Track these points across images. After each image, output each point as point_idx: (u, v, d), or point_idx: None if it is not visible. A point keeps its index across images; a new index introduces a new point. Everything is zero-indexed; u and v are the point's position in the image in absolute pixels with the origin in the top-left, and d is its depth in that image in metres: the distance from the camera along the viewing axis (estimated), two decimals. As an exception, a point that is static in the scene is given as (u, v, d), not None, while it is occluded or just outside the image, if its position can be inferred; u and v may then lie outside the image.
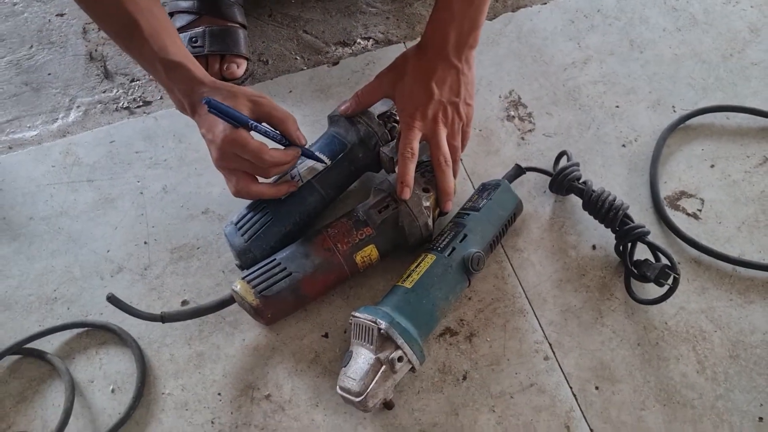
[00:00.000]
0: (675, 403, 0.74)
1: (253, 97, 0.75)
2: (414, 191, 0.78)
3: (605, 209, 0.80)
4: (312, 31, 1.11)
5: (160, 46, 0.73)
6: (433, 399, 0.75)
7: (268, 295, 0.74)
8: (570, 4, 1.11)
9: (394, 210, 0.78)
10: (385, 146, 0.84)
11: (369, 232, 0.78)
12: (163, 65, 0.74)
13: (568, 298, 0.81)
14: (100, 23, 0.78)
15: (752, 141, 0.94)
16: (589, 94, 1.00)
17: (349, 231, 0.78)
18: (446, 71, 0.80)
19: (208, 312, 0.77)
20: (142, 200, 0.92)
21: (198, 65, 0.76)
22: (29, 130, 1.01)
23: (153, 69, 0.76)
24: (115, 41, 0.78)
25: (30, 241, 0.89)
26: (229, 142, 0.72)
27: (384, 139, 0.85)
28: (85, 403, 0.76)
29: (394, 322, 0.69)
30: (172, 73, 0.74)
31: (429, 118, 0.79)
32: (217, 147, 0.73)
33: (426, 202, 0.79)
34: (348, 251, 0.77)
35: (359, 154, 0.84)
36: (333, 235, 0.77)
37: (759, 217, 0.87)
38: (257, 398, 0.76)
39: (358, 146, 0.84)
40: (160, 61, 0.73)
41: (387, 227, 0.78)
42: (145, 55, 0.74)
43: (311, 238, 0.78)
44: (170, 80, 0.75)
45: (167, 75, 0.74)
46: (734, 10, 1.08)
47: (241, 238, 0.79)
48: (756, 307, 0.80)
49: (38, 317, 0.82)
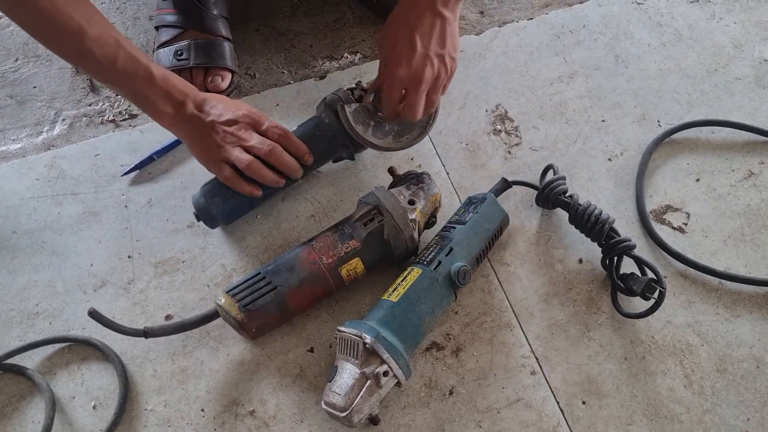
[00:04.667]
0: (662, 417, 0.74)
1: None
2: (399, 204, 0.78)
3: (591, 223, 0.80)
4: (299, 45, 1.11)
5: (140, 58, 0.76)
6: (419, 414, 0.74)
7: (252, 309, 0.73)
8: (556, 20, 1.12)
9: (380, 223, 0.78)
10: (347, 105, 0.85)
11: (354, 246, 0.77)
12: (151, 74, 0.77)
13: (555, 312, 0.81)
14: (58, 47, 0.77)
15: (737, 155, 0.94)
16: (575, 109, 1.00)
17: (334, 244, 0.77)
18: (434, 21, 0.79)
19: (192, 327, 0.76)
20: (126, 214, 0.91)
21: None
22: (13, 143, 1.00)
23: (132, 80, 0.76)
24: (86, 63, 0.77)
25: (12, 255, 0.87)
26: (257, 113, 0.83)
27: (347, 100, 0.86)
28: (66, 419, 0.75)
29: (379, 336, 0.68)
30: (164, 80, 0.78)
31: (411, 72, 0.79)
32: (243, 115, 0.81)
33: (412, 215, 0.78)
34: (333, 264, 0.77)
35: (326, 120, 0.86)
36: (318, 248, 0.77)
37: (744, 230, 0.87)
38: (241, 414, 0.75)
39: (324, 113, 0.86)
40: (145, 70, 0.76)
41: (372, 240, 0.78)
42: (122, 66, 0.75)
43: (296, 251, 0.78)
44: (165, 86, 0.78)
45: (157, 83, 0.77)
46: (718, 26, 1.10)
47: (201, 190, 0.85)
48: (743, 321, 0.80)
49: (19, 332, 0.81)
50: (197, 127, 0.81)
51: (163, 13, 1.04)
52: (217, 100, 0.82)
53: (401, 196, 0.80)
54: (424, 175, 0.83)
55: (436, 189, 0.83)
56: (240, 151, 0.80)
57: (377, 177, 0.93)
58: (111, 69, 0.75)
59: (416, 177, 0.83)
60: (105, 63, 0.74)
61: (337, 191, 0.92)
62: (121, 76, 0.76)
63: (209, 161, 0.82)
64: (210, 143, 0.81)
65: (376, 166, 0.94)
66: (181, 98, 0.79)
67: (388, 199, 0.79)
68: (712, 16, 1.11)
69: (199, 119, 0.80)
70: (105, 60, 0.74)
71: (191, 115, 0.80)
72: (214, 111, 0.81)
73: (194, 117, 0.80)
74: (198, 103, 0.81)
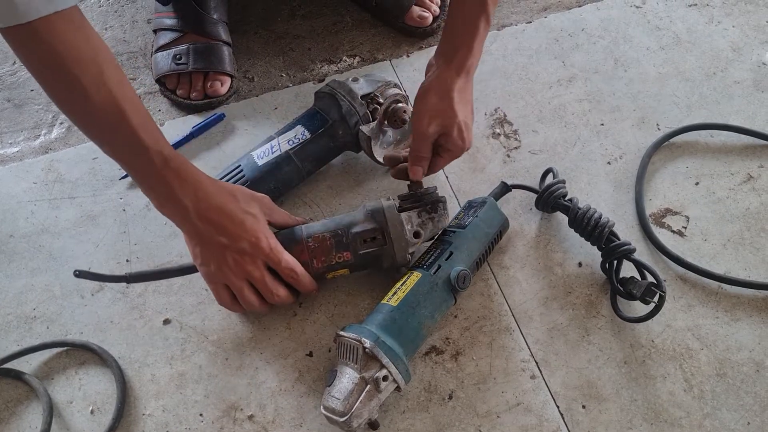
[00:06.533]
0: (662, 421, 0.73)
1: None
2: (404, 236, 0.77)
3: (591, 226, 0.80)
4: (298, 48, 1.11)
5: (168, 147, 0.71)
6: (418, 419, 0.74)
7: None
8: (554, 24, 1.12)
9: (380, 247, 0.77)
10: (365, 125, 0.85)
11: (347, 258, 0.77)
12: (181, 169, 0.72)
13: (555, 315, 0.81)
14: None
15: (736, 159, 0.94)
16: (574, 112, 1.00)
17: (328, 250, 0.77)
18: (466, 86, 0.80)
19: (171, 275, 0.79)
20: (124, 217, 0.90)
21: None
22: (11, 147, 1.00)
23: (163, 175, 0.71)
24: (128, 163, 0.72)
25: (10, 259, 0.87)
26: (277, 248, 0.75)
27: (365, 120, 0.87)
28: (64, 424, 0.75)
29: (379, 340, 0.68)
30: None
31: (440, 131, 0.79)
32: (264, 246, 0.74)
33: (412, 249, 0.78)
34: (322, 269, 0.78)
35: (339, 131, 0.87)
36: (312, 249, 0.77)
37: (744, 234, 0.87)
38: (240, 419, 0.75)
39: (338, 123, 0.87)
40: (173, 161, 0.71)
41: (366, 258, 0.78)
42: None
43: (291, 244, 0.77)
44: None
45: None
46: (717, 30, 1.10)
47: None
48: (742, 325, 0.80)
49: (16, 336, 0.81)
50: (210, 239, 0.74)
51: (162, 17, 1.04)
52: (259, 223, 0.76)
53: (409, 225, 0.78)
54: (440, 204, 0.79)
55: (446, 221, 0.80)
56: (248, 287, 0.76)
57: (376, 179, 0.93)
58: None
59: (432, 204, 0.79)
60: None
61: (336, 194, 0.92)
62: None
63: (206, 276, 0.77)
64: (219, 261, 0.75)
65: (375, 168, 0.94)
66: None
67: (395, 226, 0.77)
68: (710, 19, 1.11)
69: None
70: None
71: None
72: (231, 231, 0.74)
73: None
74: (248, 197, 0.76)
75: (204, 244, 0.74)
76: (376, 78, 0.90)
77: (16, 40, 0.61)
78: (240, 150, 0.94)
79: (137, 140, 0.67)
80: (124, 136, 0.67)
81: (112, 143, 0.69)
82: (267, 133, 0.92)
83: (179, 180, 0.71)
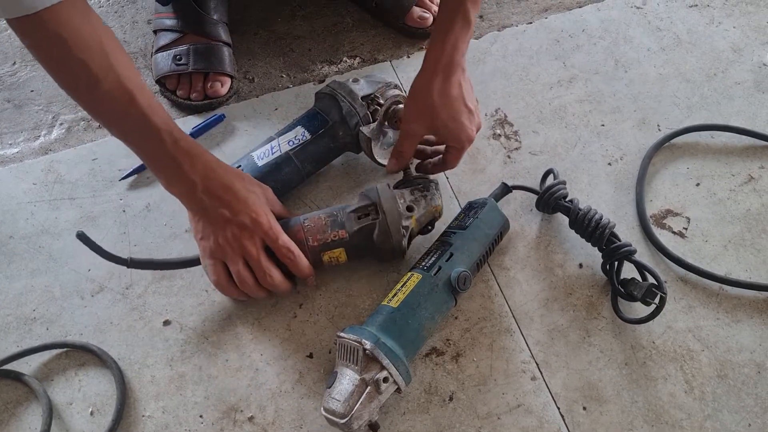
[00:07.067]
0: (663, 423, 0.73)
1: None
2: (397, 208, 0.78)
3: (592, 227, 0.80)
4: (298, 49, 1.11)
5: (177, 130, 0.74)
6: (419, 420, 0.74)
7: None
8: (555, 24, 1.12)
9: (373, 221, 0.78)
10: (365, 126, 0.85)
11: (342, 236, 0.78)
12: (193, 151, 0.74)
13: (555, 317, 0.81)
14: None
15: (737, 160, 0.94)
16: (574, 113, 1.00)
17: (323, 228, 0.78)
18: (446, 85, 0.79)
19: (174, 267, 0.80)
20: (124, 218, 0.90)
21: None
22: (10, 148, 1.00)
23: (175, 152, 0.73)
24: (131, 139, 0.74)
25: (9, 260, 0.87)
26: (276, 227, 0.76)
27: (365, 121, 0.87)
28: (63, 426, 0.75)
29: (379, 342, 0.68)
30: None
31: (426, 131, 0.82)
32: (264, 223, 0.76)
33: (406, 222, 0.78)
34: (317, 248, 0.78)
35: (339, 132, 0.87)
36: (308, 228, 0.78)
37: (745, 235, 0.87)
38: (240, 420, 0.74)
39: (339, 124, 0.87)
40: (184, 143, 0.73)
41: (361, 236, 0.78)
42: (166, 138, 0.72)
43: (289, 224, 0.79)
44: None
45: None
46: (717, 31, 1.09)
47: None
48: (743, 326, 0.80)
49: (16, 338, 0.81)
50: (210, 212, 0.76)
51: (162, 17, 1.04)
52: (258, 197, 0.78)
53: (401, 199, 0.79)
54: (432, 184, 0.82)
55: (439, 201, 0.82)
56: (243, 264, 0.76)
57: (377, 180, 0.93)
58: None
59: (423, 184, 0.82)
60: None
61: (336, 194, 0.92)
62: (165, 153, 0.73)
63: (205, 250, 0.78)
64: (218, 234, 0.76)
65: (375, 169, 0.94)
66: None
67: (387, 199, 0.78)
68: (711, 20, 1.11)
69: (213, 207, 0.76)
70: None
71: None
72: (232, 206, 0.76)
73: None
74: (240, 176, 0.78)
75: (207, 218, 0.76)
76: (376, 79, 0.90)
77: (23, 30, 0.62)
78: (240, 151, 0.94)
79: (147, 122, 0.69)
80: (134, 119, 0.69)
81: (122, 126, 0.71)
82: (267, 133, 0.92)
83: (189, 158, 0.73)
